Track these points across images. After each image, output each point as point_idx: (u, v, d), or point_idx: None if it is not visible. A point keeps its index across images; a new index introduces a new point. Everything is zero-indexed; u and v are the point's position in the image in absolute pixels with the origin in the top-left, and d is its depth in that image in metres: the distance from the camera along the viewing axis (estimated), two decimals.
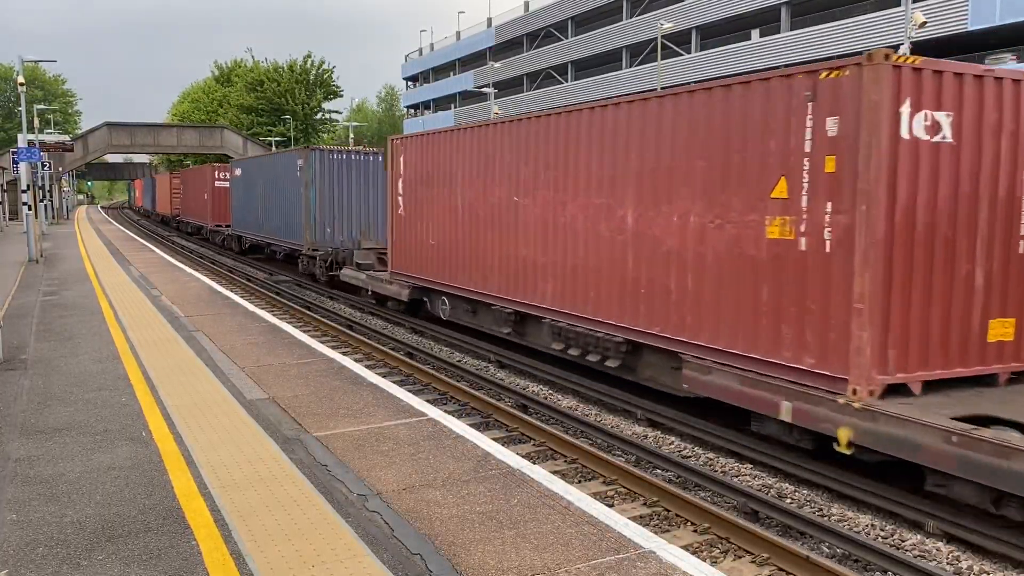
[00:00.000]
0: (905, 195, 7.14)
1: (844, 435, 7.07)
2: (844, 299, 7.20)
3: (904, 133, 7.11)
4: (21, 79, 27.05)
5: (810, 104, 7.51)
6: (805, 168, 7.59)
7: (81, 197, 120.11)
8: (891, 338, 7.17)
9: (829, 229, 7.36)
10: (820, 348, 7.45)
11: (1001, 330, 7.65)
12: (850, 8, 41.76)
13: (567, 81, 63.20)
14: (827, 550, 6.52)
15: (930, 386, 7.34)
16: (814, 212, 7.52)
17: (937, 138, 7.26)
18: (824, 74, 7.44)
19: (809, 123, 7.55)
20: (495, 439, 8.30)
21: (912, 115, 7.11)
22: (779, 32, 44.44)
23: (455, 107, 79.66)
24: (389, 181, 16.75)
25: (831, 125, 7.33)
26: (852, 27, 39.27)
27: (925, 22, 15.84)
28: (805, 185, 7.60)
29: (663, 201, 9.39)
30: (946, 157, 7.30)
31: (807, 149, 7.58)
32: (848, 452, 7.12)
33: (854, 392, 7.05)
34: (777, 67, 48.03)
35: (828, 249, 7.37)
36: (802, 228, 7.65)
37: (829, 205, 7.36)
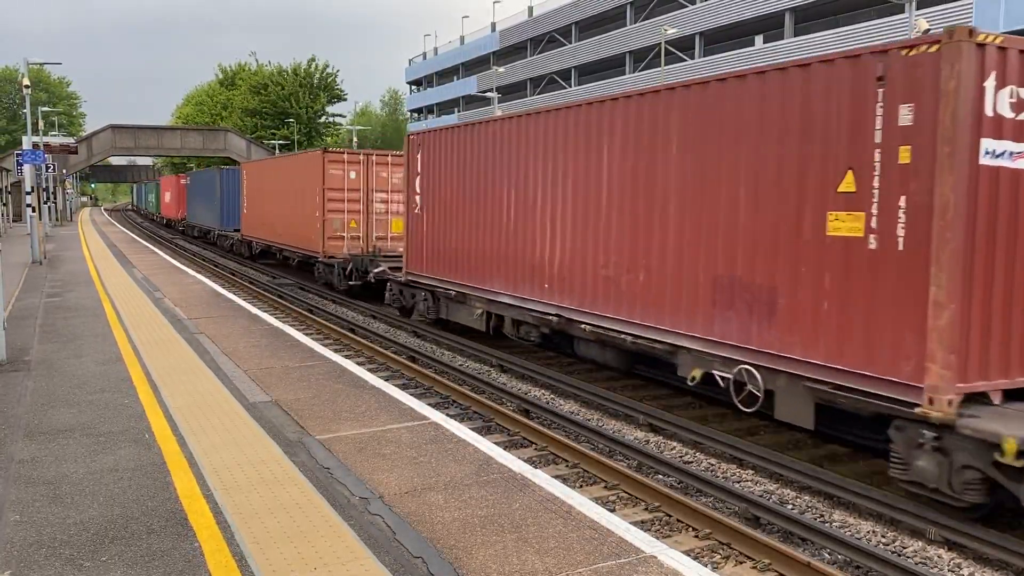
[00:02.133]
0: None
1: None
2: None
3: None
4: (26, 81, 27.11)
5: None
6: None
7: (84, 199, 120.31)
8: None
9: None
10: None
11: None
12: (854, 15, 41.82)
13: (571, 86, 63.28)
14: (828, 556, 6.52)
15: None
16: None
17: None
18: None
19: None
20: (497, 443, 8.31)
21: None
22: (783, 38, 44.48)
23: (459, 111, 79.81)
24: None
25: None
26: (855, 33, 39.30)
27: (929, 29, 15.87)
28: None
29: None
30: None
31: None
32: None
33: None
34: None
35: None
36: None
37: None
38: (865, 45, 7.80)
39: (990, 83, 6.60)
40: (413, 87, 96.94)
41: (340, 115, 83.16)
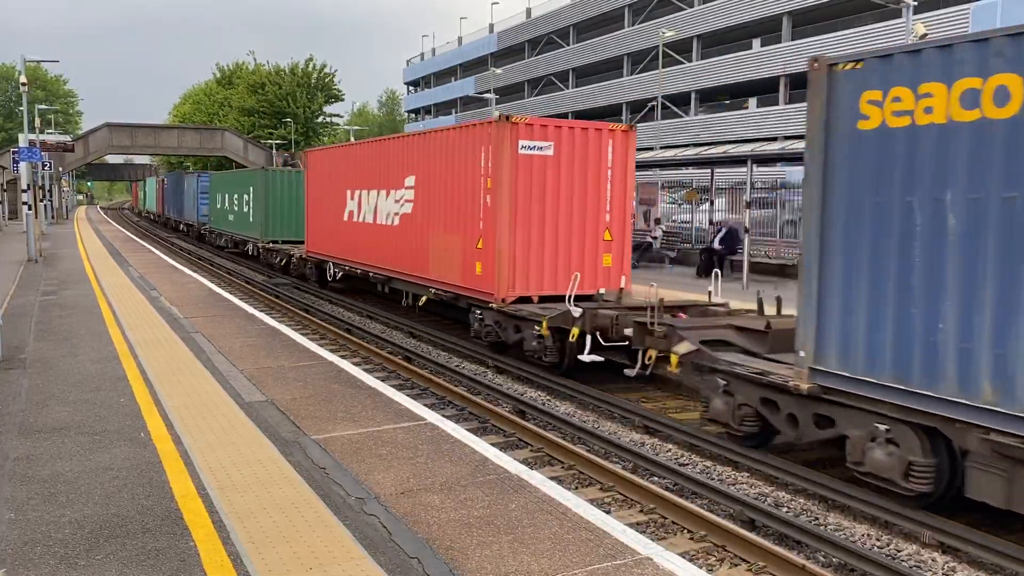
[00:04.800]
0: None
1: None
2: None
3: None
4: (23, 79, 27.05)
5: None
6: None
7: (81, 197, 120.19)
8: None
9: None
10: None
11: None
12: (851, 19, 41.92)
13: (568, 87, 63.38)
14: (823, 559, 6.53)
15: None
16: None
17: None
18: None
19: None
20: (493, 444, 8.30)
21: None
22: (780, 42, 44.58)
23: (456, 112, 79.84)
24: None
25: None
26: (853, 37, 39.41)
27: (926, 34, 15.93)
28: None
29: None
30: None
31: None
32: None
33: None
34: (777, 77, 48.06)
35: None
36: None
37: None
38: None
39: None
40: (411, 88, 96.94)
41: (337, 115, 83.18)
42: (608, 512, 7.16)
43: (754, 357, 9.08)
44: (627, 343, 10.84)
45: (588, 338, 11.28)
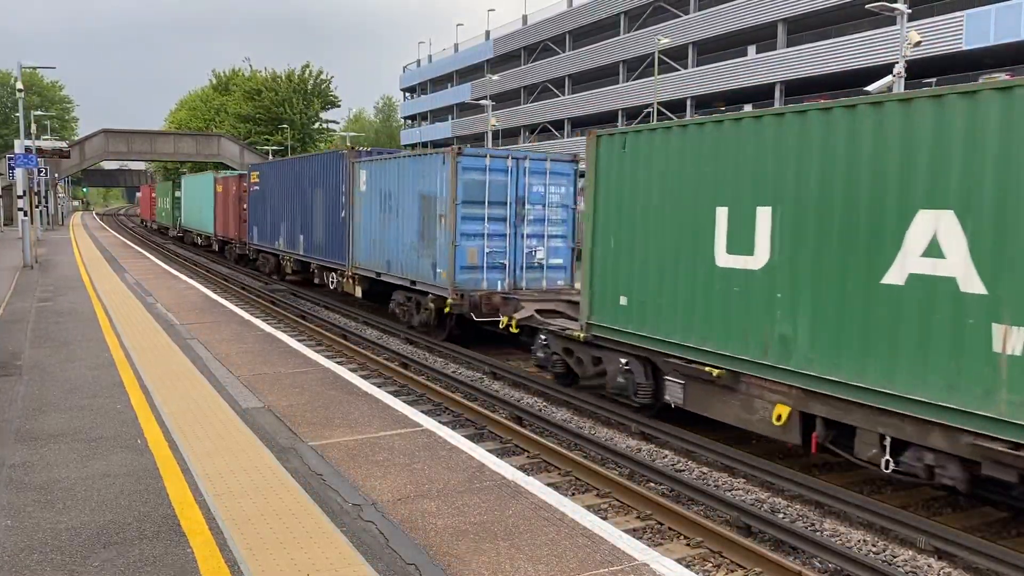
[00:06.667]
0: None
1: None
2: None
3: None
4: (20, 85, 27.05)
5: None
6: None
7: (76, 203, 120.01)
8: None
9: None
10: None
11: None
12: (846, 26, 42.08)
13: (564, 94, 63.52)
14: (819, 565, 6.55)
15: None
16: None
17: None
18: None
19: None
20: (490, 451, 8.31)
21: None
22: (775, 48, 44.73)
23: (452, 118, 79.96)
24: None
25: None
26: (848, 45, 39.59)
27: (920, 41, 16.02)
28: None
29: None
30: None
31: None
32: None
33: None
34: (772, 83, 47.96)
35: None
36: None
37: None
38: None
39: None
40: (407, 94, 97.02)
41: (334, 121, 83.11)
42: (605, 518, 7.17)
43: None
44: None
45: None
